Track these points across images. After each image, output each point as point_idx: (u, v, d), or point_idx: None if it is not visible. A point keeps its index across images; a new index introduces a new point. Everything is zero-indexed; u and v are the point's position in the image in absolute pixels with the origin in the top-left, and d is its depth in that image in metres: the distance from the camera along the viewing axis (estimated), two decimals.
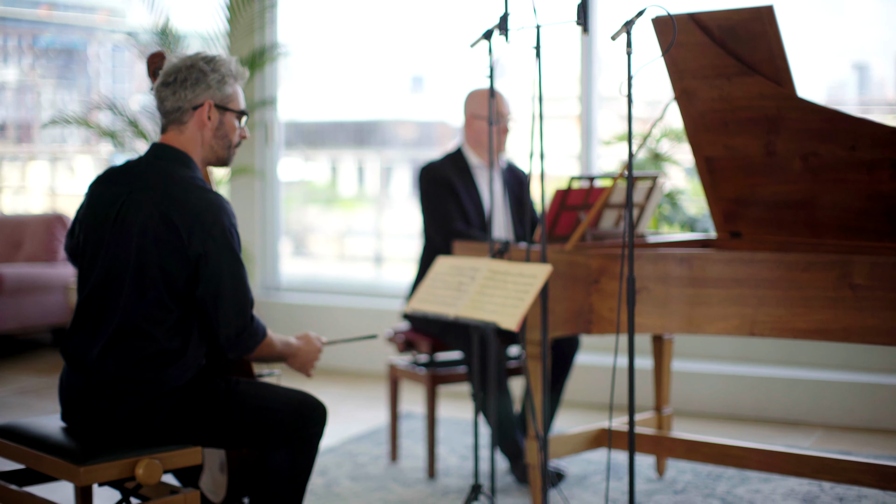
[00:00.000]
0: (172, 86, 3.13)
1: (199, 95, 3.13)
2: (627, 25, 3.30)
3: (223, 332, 3.03)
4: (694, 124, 4.13)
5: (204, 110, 3.14)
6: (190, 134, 3.15)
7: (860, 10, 6.62)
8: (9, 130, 10.97)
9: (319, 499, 4.29)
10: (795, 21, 6.36)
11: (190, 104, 3.13)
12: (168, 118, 3.16)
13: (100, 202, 3.14)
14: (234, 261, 3.03)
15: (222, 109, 3.17)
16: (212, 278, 2.99)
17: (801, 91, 3.83)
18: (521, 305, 3.36)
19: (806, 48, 6.44)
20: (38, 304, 7.54)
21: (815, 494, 4.30)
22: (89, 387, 3.02)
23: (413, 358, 4.77)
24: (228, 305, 3.00)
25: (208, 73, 3.14)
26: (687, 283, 3.68)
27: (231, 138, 3.21)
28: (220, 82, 3.16)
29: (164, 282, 3.00)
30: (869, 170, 3.76)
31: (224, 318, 3.01)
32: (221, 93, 3.16)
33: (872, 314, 3.41)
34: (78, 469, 2.84)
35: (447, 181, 4.65)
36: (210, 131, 3.16)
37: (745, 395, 5.73)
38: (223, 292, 3.00)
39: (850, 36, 6.59)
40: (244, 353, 3.10)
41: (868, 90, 6.92)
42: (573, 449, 4.21)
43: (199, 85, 3.13)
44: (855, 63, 6.88)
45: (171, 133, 3.16)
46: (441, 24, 7.74)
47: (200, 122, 3.14)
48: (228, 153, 3.23)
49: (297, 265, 8.69)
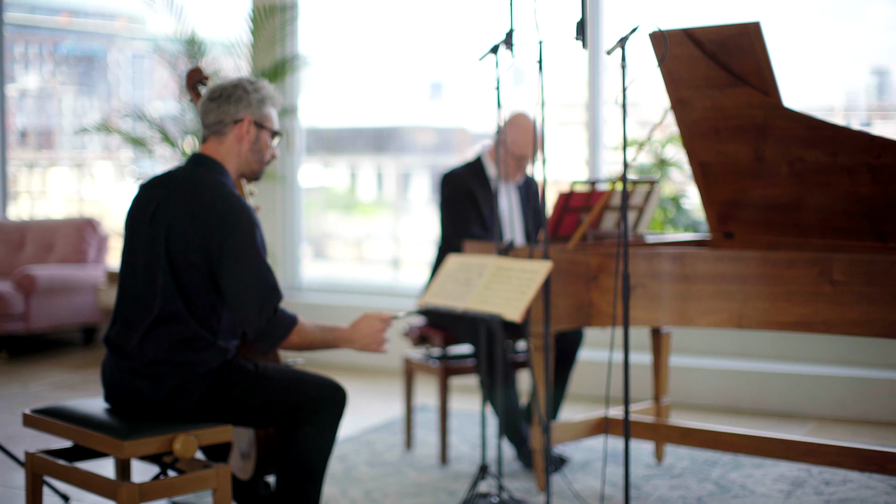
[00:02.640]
0: (217, 101, 3.49)
1: (241, 111, 3.48)
2: (622, 41, 3.59)
3: (249, 326, 3.32)
4: (689, 132, 4.41)
5: (244, 125, 3.48)
6: (228, 145, 3.49)
7: (878, 15, 6.69)
8: (30, 137, 11.12)
9: (339, 482, 4.59)
10: (813, 26, 6.47)
11: (231, 118, 3.47)
12: (209, 130, 3.51)
13: (139, 204, 3.47)
14: (255, 259, 3.33)
15: (259, 127, 3.51)
16: (233, 274, 3.30)
17: (819, 96, 4.06)
18: (524, 299, 3.65)
19: (824, 53, 6.55)
20: (69, 304, 7.88)
21: (803, 479, 4.58)
22: (130, 370, 3.34)
23: (427, 351, 5.07)
24: (251, 301, 3.30)
25: (251, 92, 3.50)
26: (679, 279, 3.98)
27: (264, 154, 3.55)
28: (261, 102, 3.52)
29: (194, 273, 3.32)
30: (849, 174, 4.04)
31: (249, 312, 3.30)
32: (260, 112, 3.52)
33: (850, 308, 3.69)
34: (122, 443, 3.15)
35: (468, 189, 4.95)
36: (247, 144, 3.51)
37: (742, 388, 6.02)
38: (245, 288, 3.30)
39: (869, 41, 6.67)
40: (272, 344, 3.36)
41: (887, 95, 6.97)
42: (575, 435, 4.50)
43: (241, 102, 3.49)
44: (873, 68, 6.94)
45: (210, 143, 3.50)
46: (459, 30, 7.88)
47: (239, 135, 3.49)
48: (261, 167, 3.58)
49: (316, 268, 8.93)
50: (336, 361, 7.25)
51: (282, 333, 3.36)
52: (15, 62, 10.12)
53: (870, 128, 6.76)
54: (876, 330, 3.66)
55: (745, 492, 4.42)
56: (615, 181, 4.30)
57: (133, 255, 3.44)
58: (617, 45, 3.60)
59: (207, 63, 7.17)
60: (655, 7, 6.87)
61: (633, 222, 4.61)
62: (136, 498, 3.14)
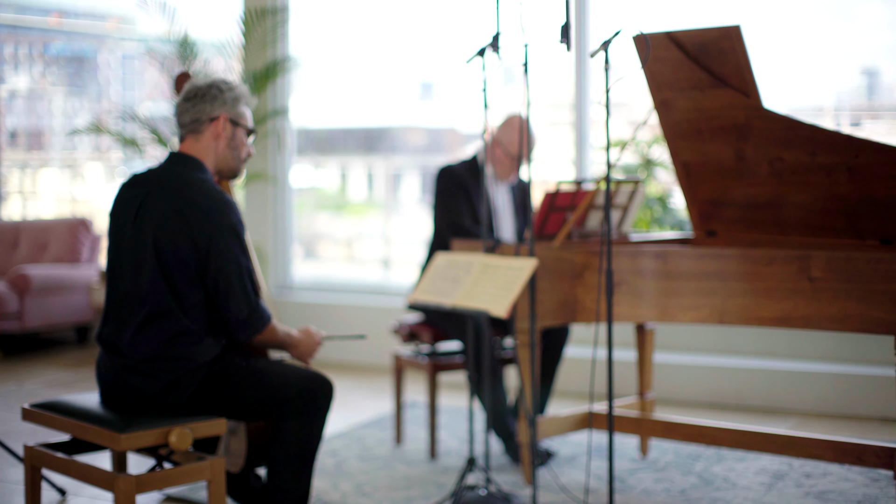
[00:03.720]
0: (193, 100, 3.61)
1: (216, 109, 3.60)
2: (605, 45, 3.69)
3: (233, 315, 3.44)
4: (672, 132, 4.51)
5: (219, 123, 3.60)
6: (205, 143, 3.60)
7: (869, 15, 6.71)
8: (20, 138, 11.12)
9: (330, 476, 4.68)
10: (804, 26, 6.51)
11: (207, 116, 3.59)
12: (186, 129, 3.62)
13: (123, 203, 3.58)
14: (239, 251, 3.45)
15: (235, 124, 3.62)
16: (220, 267, 3.42)
17: (810, 96, 4.15)
18: (510, 295, 3.75)
19: (814, 53, 6.58)
20: (62, 303, 7.96)
21: (784, 472, 4.68)
22: (124, 367, 3.44)
23: (416, 348, 5.16)
24: (237, 290, 3.42)
25: (225, 91, 3.63)
26: (661, 276, 4.08)
27: (241, 151, 3.68)
28: (235, 101, 3.65)
29: (182, 269, 3.43)
30: (828, 174, 4.14)
31: (234, 302, 3.43)
32: (235, 110, 3.64)
33: (828, 303, 3.79)
34: (119, 436, 3.24)
35: (462, 183, 5.05)
36: (224, 142, 3.62)
37: (725, 384, 6.12)
38: (231, 279, 3.42)
39: (860, 41, 6.69)
40: (253, 333, 3.50)
41: (878, 95, 6.99)
42: (561, 430, 4.59)
43: (216, 100, 3.61)
44: (864, 68, 6.96)
45: (188, 142, 3.61)
46: (449, 30, 7.92)
47: (216, 132, 3.60)
48: (238, 165, 3.70)
49: (307, 268, 8.99)
50: (327, 359, 7.34)
51: (261, 325, 3.51)
52: (4, 63, 10.14)
53: (860, 128, 6.83)
54: (853, 325, 3.77)
55: (727, 484, 4.52)
56: (600, 181, 4.40)
57: (119, 254, 3.53)
58: (600, 48, 3.69)
59: (199, 64, 7.25)
60: (643, 9, 6.97)
61: (618, 221, 4.71)
62: (133, 489, 3.23)
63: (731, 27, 4.08)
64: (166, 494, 4.40)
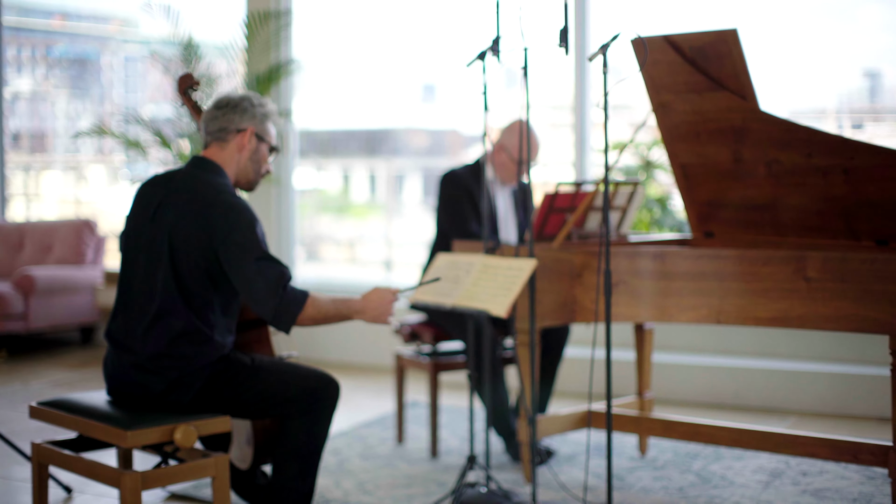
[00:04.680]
0: (224, 109, 3.70)
1: (245, 122, 3.69)
2: (603, 48, 3.75)
3: (265, 308, 3.45)
4: (670, 135, 4.57)
5: (246, 135, 3.68)
6: (229, 152, 3.68)
7: (871, 17, 6.74)
8: (23, 140, 11.14)
9: (333, 474, 4.74)
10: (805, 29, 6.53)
11: (235, 126, 3.67)
12: (212, 136, 3.70)
13: (141, 202, 3.64)
14: (258, 249, 3.47)
15: (260, 139, 3.70)
16: (242, 266, 3.45)
17: (812, 98, 4.20)
18: (510, 295, 3.80)
19: (817, 56, 6.60)
20: (67, 304, 8.03)
21: (781, 470, 4.74)
22: (132, 364, 3.49)
23: (417, 348, 5.21)
24: (261, 286, 3.43)
25: (256, 106, 3.73)
26: (659, 276, 4.13)
27: (262, 165, 3.76)
28: (264, 117, 3.74)
29: (194, 270, 3.48)
30: (824, 175, 4.20)
31: (262, 298, 3.43)
32: (263, 126, 3.73)
33: (824, 303, 3.84)
34: (125, 433, 3.30)
35: (467, 188, 5.10)
36: (247, 154, 3.70)
37: (724, 384, 6.18)
38: (253, 276, 3.44)
39: (862, 43, 6.72)
40: (290, 319, 3.46)
41: (880, 97, 7.02)
42: (560, 428, 4.65)
43: (246, 113, 3.70)
44: (866, 70, 6.98)
45: (212, 149, 3.69)
46: (452, 32, 7.97)
47: (240, 144, 3.68)
48: (256, 178, 3.78)
49: (309, 270, 9.03)
50: (330, 359, 7.40)
51: (297, 308, 3.47)
52: (7, 65, 10.19)
53: (862, 130, 6.87)
54: (848, 325, 3.82)
55: (725, 482, 4.58)
56: (599, 182, 4.45)
57: (134, 252, 3.59)
58: (598, 51, 3.75)
59: (203, 67, 7.31)
60: (644, 13, 7.02)
61: (617, 222, 4.77)
62: (139, 485, 3.29)
63: (727, 31, 4.13)
64: (171, 492, 4.46)
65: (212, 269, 3.49)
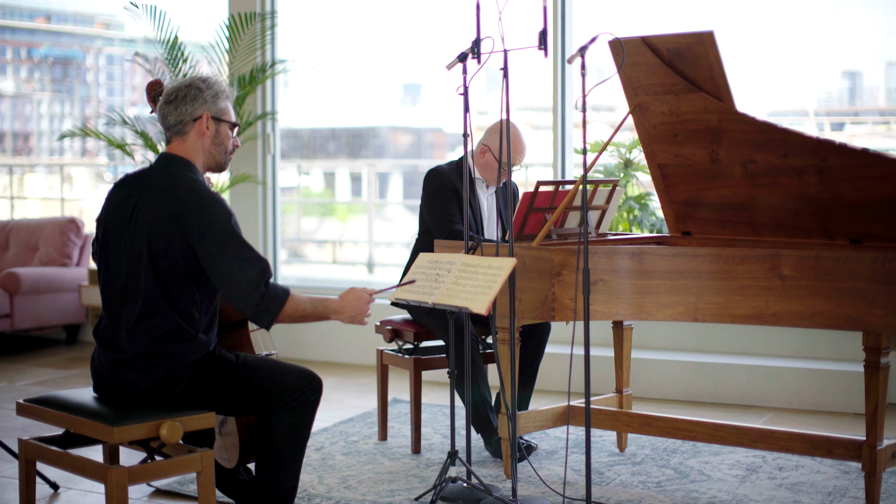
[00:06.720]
0: (174, 102, 3.69)
1: (198, 109, 3.69)
2: (581, 50, 3.81)
3: (246, 304, 3.50)
4: (647, 135, 4.65)
5: (202, 121, 3.69)
6: (192, 143, 3.70)
7: (851, 19, 6.79)
8: (6, 141, 11.11)
9: (316, 470, 4.80)
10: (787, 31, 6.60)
11: (190, 116, 3.68)
12: (172, 131, 3.71)
13: (116, 204, 3.69)
14: (236, 244, 3.52)
15: (218, 121, 3.72)
16: (221, 263, 3.49)
17: (792, 99, 4.28)
18: (490, 293, 3.87)
19: (797, 57, 6.67)
20: (52, 303, 8.07)
21: (758, 464, 4.82)
22: (118, 362, 3.55)
23: (399, 346, 5.28)
24: (241, 282, 3.49)
25: (204, 90, 3.71)
26: (637, 275, 4.20)
27: (227, 145, 3.77)
28: (215, 97, 3.72)
29: (174, 270, 3.53)
30: (798, 175, 4.29)
31: (242, 294, 3.49)
32: (216, 107, 3.72)
33: (799, 301, 3.92)
34: (112, 429, 3.35)
35: (452, 186, 5.14)
36: (209, 139, 3.72)
37: (702, 380, 6.26)
38: (233, 273, 3.49)
39: (841, 44, 6.76)
40: (271, 316, 3.53)
41: (860, 98, 7.09)
42: (541, 425, 4.72)
43: (196, 100, 3.69)
44: (846, 71, 7.07)
45: (175, 143, 3.71)
46: (435, 32, 8.01)
47: (200, 131, 3.69)
48: (225, 158, 3.79)
49: (292, 270, 9.08)
50: (313, 357, 7.46)
51: (278, 305, 3.53)
52: None
53: (842, 131, 6.95)
54: (823, 322, 3.90)
55: (702, 477, 4.66)
56: (578, 182, 4.52)
57: (115, 254, 3.62)
58: (577, 53, 3.82)
59: (186, 68, 7.35)
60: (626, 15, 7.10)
61: (596, 221, 4.84)
62: (125, 480, 3.35)
63: (704, 33, 4.21)
64: (156, 487, 4.52)
65: (192, 268, 3.54)
